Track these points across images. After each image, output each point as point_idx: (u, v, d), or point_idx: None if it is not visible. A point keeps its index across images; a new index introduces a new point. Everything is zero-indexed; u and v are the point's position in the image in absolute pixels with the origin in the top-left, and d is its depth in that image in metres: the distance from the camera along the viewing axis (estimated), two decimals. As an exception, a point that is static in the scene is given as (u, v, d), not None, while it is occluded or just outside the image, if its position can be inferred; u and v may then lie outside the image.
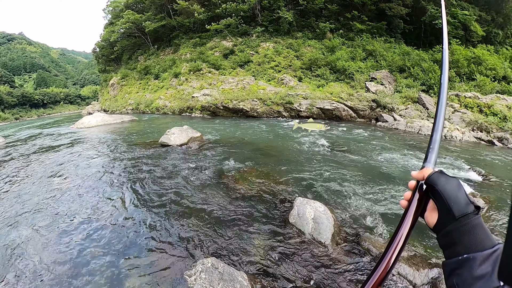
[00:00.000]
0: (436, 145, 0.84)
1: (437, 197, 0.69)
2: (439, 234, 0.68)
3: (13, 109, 70.19)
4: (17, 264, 3.87)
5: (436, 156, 0.82)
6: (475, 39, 20.79)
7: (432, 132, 0.87)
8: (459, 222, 0.63)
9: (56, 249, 4.15)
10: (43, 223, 4.97)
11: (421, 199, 0.74)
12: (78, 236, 4.45)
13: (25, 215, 5.33)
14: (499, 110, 12.53)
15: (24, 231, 4.71)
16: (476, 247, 0.59)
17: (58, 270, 3.69)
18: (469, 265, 0.57)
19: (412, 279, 3.21)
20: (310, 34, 27.85)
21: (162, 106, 27.11)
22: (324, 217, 4.29)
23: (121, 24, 38.73)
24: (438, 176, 0.71)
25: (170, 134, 10.52)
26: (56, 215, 5.23)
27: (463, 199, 0.65)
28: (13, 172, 8.32)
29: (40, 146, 12.45)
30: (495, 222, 4.51)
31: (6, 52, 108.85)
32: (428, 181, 0.73)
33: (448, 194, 0.67)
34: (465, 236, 0.62)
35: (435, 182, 0.70)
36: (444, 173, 0.72)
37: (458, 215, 0.64)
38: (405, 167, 7.25)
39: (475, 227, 0.62)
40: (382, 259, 0.68)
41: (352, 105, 16.63)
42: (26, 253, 4.09)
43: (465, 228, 0.62)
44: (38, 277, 3.58)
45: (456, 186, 0.67)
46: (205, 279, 2.99)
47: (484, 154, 8.92)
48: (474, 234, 0.61)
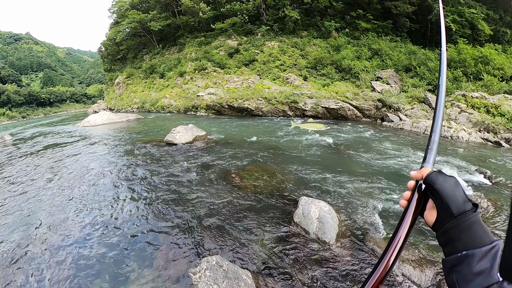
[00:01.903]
0: (435, 146, 0.84)
1: (435, 195, 0.71)
2: (438, 232, 0.69)
3: (20, 108, 71.03)
4: (20, 262, 3.94)
5: (435, 156, 0.83)
6: (482, 38, 20.53)
7: (430, 133, 0.87)
8: (457, 220, 0.64)
9: (62, 246, 4.21)
10: (49, 221, 5.04)
11: (420, 198, 0.76)
12: (83, 234, 4.52)
13: (30, 212, 5.42)
14: (506, 111, 12.35)
15: (28, 229, 4.79)
16: (474, 243, 0.60)
17: (63, 267, 3.75)
18: (468, 262, 0.58)
19: (416, 280, 3.21)
20: (315, 33, 27.71)
21: (167, 105, 27.24)
22: (329, 216, 4.30)
23: (126, 24, 38.94)
24: (436, 175, 0.72)
25: (176, 133, 10.59)
26: (62, 212, 5.31)
27: (460, 197, 0.67)
28: (19, 170, 8.45)
29: (46, 144, 12.61)
30: (502, 223, 4.47)
31: (13, 51, 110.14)
32: (427, 180, 0.74)
33: (446, 192, 0.68)
34: (463, 233, 0.63)
35: (433, 181, 0.71)
36: (442, 172, 0.74)
37: (456, 212, 0.65)
38: (410, 168, 7.20)
39: (473, 224, 0.63)
40: (383, 257, 0.69)
41: (357, 105, 16.55)
42: (30, 251, 4.16)
43: (463, 225, 0.63)
44: (43, 275, 3.65)
45: (453, 185, 0.69)
46: (210, 277, 3.02)
47: (491, 155, 8.82)
48: (473, 231, 0.62)
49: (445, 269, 0.64)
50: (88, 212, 5.29)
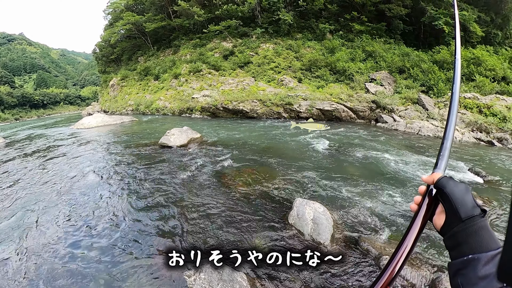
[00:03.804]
0: (447, 153, 0.86)
1: (445, 199, 0.72)
2: (446, 236, 0.71)
3: (13, 110, 70.20)
4: (16, 263, 3.88)
5: (446, 163, 0.85)
6: (474, 40, 20.79)
7: (442, 140, 0.90)
8: (465, 224, 0.65)
9: (57, 249, 4.15)
10: (42, 224, 4.97)
11: (430, 203, 0.77)
12: (77, 237, 4.46)
13: (23, 215, 5.34)
14: (498, 111, 12.54)
15: (22, 231, 4.72)
16: (481, 248, 0.61)
17: (58, 269, 3.69)
18: (474, 265, 0.59)
19: (414, 281, 3.22)
20: (310, 35, 27.83)
21: (162, 107, 27.11)
22: (324, 218, 4.30)
23: (121, 25, 38.73)
24: (447, 180, 0.74)
25: (170, 135, 10.53)
26: (55, 216, 5.24)
27: (470, 202, 0.68)
28: (11, 173, 8.33)
29: (39, 147, 12.46)
30: (495, 222, 4.52)
31: (6, 52, 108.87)
32: (438, 184, 0.75)
33: (456, 197, 0.69)
34: (470, 237, 0.64)
35: (444, 185, 0.73)
36: (453, 178, 0.75)
37: (464, 217, 0.66)
38: (404, 168, 7.26)
39: (481, 229, 0.64)
40: (392, 260, 0.71)
41: (351, 106, 16.65)
42: (25, 253, 4.10)
43: (471, 230, 0.64)
44: (38, 277, 3.59)
45: (464, 190, 0.70)
46: (205, 279, 3.00)
47: (483, 155, 8.93)
48: (480, 236, 0.63)
49: (450, 272, 0.65)
50: (79, 215, 5.22)
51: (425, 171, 7.03)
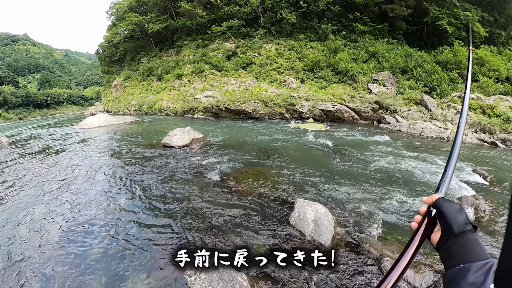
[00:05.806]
0: (448, 179, 0.96)
1: (441, 217, 0.81)
2: (441, 249, 0.78)
3: (17, 109, 70.61)
4: (19, 262, 3.91)
5: (447, 187, 0.94)
6: (477, 40, 20.64)
7: (446, 166, 0.99)
8: (457, 238, 0.73)
9: (59, 248, 4.18)
10: (44, 223, 5.01)
11: (429, 223, 0.85)
12: (79, 236, 4.49)
13: (25, 213, 5.38)
14: (502, 112, 12.46)
15: (25, 230, 4.76)
16: (471, 258, 0.67)
17: (60, 269, 3.72)
18: (464, 273, 0.65)
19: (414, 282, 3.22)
20: (312, 35, 27.80)
21: (165, 107, 27.21)
22: (325, 218, 4.30)
23: (124, 26, 38.95)
24: (444, 201, 0.84)
25: (173, 136, 10.57)
26: (57, 215, 5.27)
27: (463, 219, 0.76)
28: (14, 172, 8.39)
29: (43, 146, 12.55)
30: (498, 224, 4.50)
31: (10, 53, 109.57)
32: (435, 204, 0.84)
33: (450, 215, 0.78)
34: (462, 249, 0.71)
35: (441, 205, 0.82)
36: (450, 200, 0.84)
37: (457, 232, 0.74)
38: (407, 170, 7.23)
39: (471, 242, 0.71)
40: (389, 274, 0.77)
41: (354, 107, 16.61)
42: (28, 252, 4.13)
43: (462, 242, 0.72)
44: (38, 277, 3.62)
45: (458, 209, 0.79)
46: (205, 279, 3.01)
47: (487, 156, 8.87)
48: (470, 248, 0.70)
49: (445, 282, 0.71)
50: (82, 214, 5.26)
51: (427, 173, 6.99)
